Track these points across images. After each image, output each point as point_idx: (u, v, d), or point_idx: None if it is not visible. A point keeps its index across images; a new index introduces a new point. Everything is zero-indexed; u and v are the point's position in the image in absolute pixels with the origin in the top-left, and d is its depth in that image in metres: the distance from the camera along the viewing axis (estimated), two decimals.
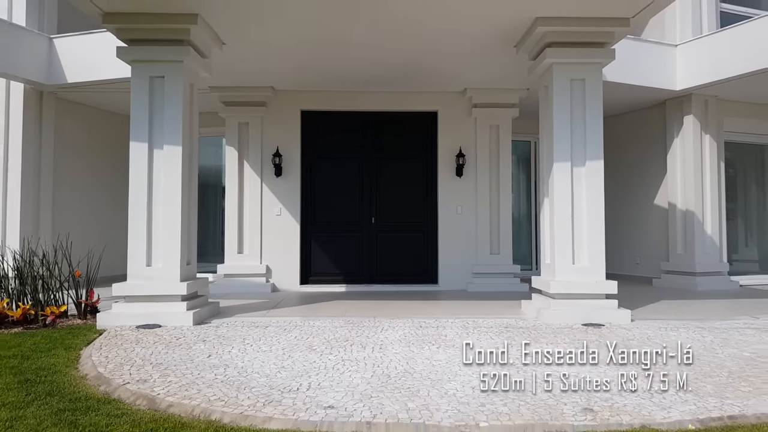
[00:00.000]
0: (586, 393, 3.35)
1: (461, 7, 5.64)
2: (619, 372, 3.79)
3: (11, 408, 3.17)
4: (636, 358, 4.16)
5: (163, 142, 5.75)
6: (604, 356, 4.10)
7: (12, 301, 5.86)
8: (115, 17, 5.62)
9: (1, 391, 3.46)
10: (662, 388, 3.44)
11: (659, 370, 3.87)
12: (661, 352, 4.33)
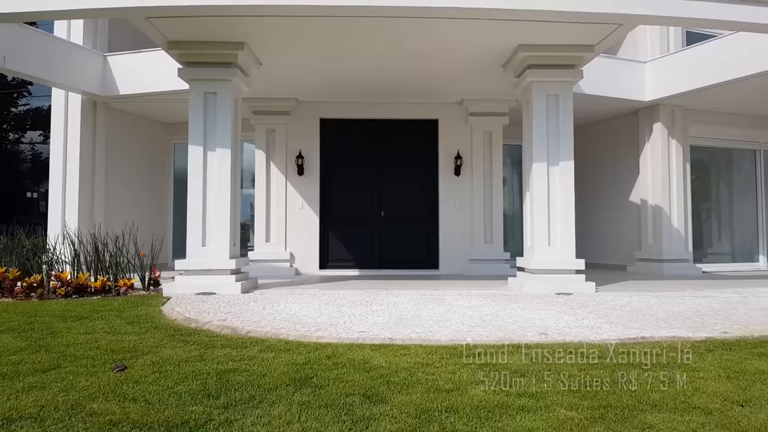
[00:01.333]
0: (545, 327, 4.55)
1: (459, 37, 6.87)
2: (573, 318, 5.02)
3: (133, 334, 4.38)
4: (589, 310, 5.40)
5: (215, 145, 6.97)
6: (566, 309, 5.32)
7: (91, 274, 7.08)
8: (178, 44, 6.86)
9: (121, 326, 4.69)
10: (600, 324, 4.65)
11: (602, 315, 5.10)
12: (609, 306, 5.57)
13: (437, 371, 3.33)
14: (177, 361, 3.58)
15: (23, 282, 6.66)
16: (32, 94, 19.44)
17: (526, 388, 3.02)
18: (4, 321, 5.00)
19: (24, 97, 19.25)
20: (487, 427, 2.49)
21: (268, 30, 6.65)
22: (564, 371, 3.31)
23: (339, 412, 2.68)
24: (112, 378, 3.25)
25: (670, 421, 2.57)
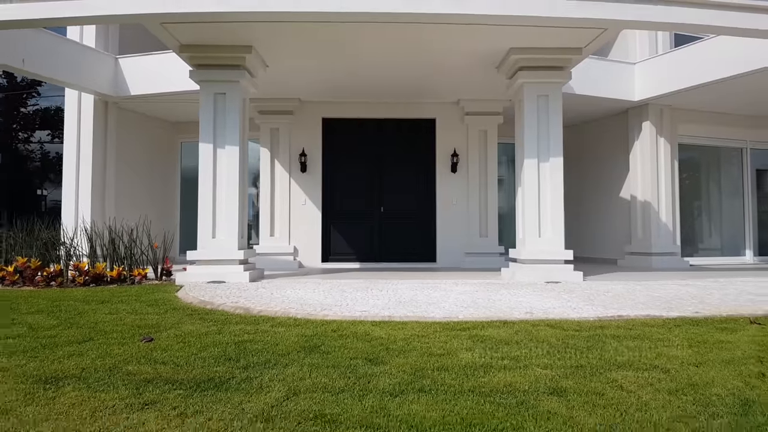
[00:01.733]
0: (531, 307, 4.94)
1: (455, 41, 7.25)
2: (558, 301, 5.40)
3: (154, 315, 4.77)
4: (575, 295, 5.78)
5: (225, 143, 7.36)
6: (553, 295, 5.70)
7: (107, 265, 7.47)
8: (189, 48, 7.24)
9: (141, 308, 5.07)
10: (583, 306, 5.04)
11: (586, 299, 5.48)
12: (593, 291, 5.95)
13: (431, 341, 3.72)
14: (198, 334, 3.97)
15: (44, 271, 7.05)
16: (41, 94, 19.91)
17: (508, 353, 3.41)
18: (32, 305, 5.38)
19: (33, 97, 19.67)
20: (472, 381, 2.87)
21: (274, 35, 7.03)
22: (544, 341, 3.70)
23: (344, 371, 3.06)
24: (142, 347, 3.63)
25: (632, 377, 2.96)
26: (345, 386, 2.81)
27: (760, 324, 4.27)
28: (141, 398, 2.69)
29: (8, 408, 2.58)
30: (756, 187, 12.71)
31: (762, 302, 5.36)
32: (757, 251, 12.43)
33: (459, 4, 5.99)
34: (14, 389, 2.83)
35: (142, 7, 5.98)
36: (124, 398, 2.69)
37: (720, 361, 3.24)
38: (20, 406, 2.61)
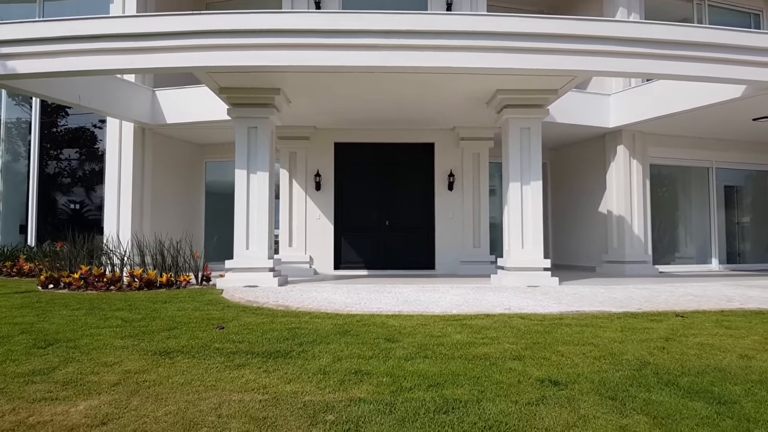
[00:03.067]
0: (510, 305, 6.16)
1: (451, 84, 8.52)
2: (533, 301, 6.63)
3: (214, 311, 5.98)
4: (548, 297, 7.00)
5: (256, 169, 8.60)
6: (530, 296, 6.92)
7: (157, 271, 8.68)
8: (227, 90, 8.50)
9: (201, 306, 6.29)
10: (551, 304, 6.26)
11: (556, 299, 6.71)
12: (564, 293, 7.17)
13: (431, 328, 4.94)
14: (256, 324, 5.19)
15: (104, 278, 8.26)
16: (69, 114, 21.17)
17: (487, 335, 4.63)
18: (111, 305, 6.59)
19: (63, 117, 20.93)
20: (460, 352, 4.09)
21: (298, 79, 8.29)
22: (514, 327, 4.92)
23: (371, 346, 4.28)
24: (218, 333, 4.85)
25: (571, 349, 4.17)
26: (372, 355, 4.04)
27: (682, 317, 5.49)
28: (233, 363, 3.91)
29: (146, 369, 3.79)
30: (724, 201, 13.99)
31: (697, 302, 6.59)
32: (725, 259, 13.68)
33: (442, 60, 7.26)
34: (142, 359, 4.04)
35: (197, 61, 7.25)
36: (222, 363, 3.91)
37: (637, 340, 4.46)
38: (153, 368, 3.82)
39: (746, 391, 3.27)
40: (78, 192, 17.94)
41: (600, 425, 2.76)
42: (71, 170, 22.03)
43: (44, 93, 8.99)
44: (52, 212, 14.47)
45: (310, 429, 2.74)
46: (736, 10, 14.30)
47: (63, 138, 20.69)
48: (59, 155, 20.44)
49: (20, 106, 14.65)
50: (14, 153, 14.07)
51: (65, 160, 20.93)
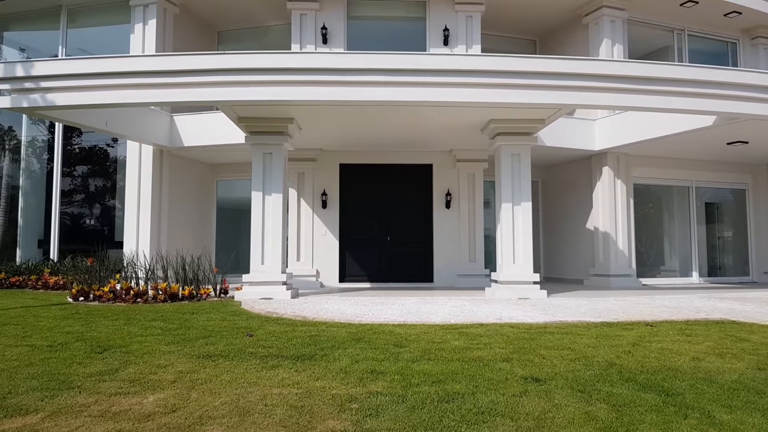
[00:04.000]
0: (501, 316, 6.87)
1: (447, 114, 9.29)
2: (522, 312, 7.35)
3: (240, 321, 6.67)
4: (536, 308, 7.72)
5: (271, 191, 9.32)
6: (519, 307, 7.64)
7: (179, 285, 9.36)
8: (246, 119, 9.25)
9: (227, 317, 6.98)
10: (538, 315, 6.97)
11: (543, 311, 7.43)
12: (551, 305, 7.89)
13: (433, 335, 5.65)
14: (280, 332, 5.89)
15: (132, 291, 8.95)
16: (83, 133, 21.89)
17: (481, 341, 5.34)
18: (144, 315, 7.27)
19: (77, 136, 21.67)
20: (457, 355, 4.80)
21: (309, 110, 9.04)
22: (504, 335, 5.64)
23: (382, 350, 4.99)
24: (248, 340, 5.55)
25: (552, 353, 4.89)
26: (384, 357, 4.74)
27: (651, 326, 6.22)
28: (267, 364, 4.61)
29: (195, 370, 4.48)
30: (705, 218, 14.78)
31: (668, 313, 7.32)
32: (706, 272, 14.43)
33: (443, 95, 8.04)
34: (189, 362, 4.74)
35: (221, 95, 8.01)
36: (258, 364, 4.60)
37: (608, 346, 5.18)
38: (200, 369, 4.52)
39: (690, 386, 3.99)
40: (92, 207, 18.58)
41: (569, 411, 3.47)
42: (85, 187, 22.77)
43: (76, 120, 9.74)
44: (69, 227, 15.07)
45: (339, 414, 3.44)
46: (714, 39, 15.15)
47: (77, 156, 21.41)
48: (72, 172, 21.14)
49: (36, 125, 15.28)
50: (32, 171, 14.72)
51: (79, 176, 21.64)
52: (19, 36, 14.77)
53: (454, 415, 3.39)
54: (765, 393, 3.84)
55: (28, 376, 4.34)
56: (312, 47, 12.35)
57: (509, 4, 13.06)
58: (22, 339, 5.73)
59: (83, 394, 3.89)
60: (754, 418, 3.37)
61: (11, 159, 14.87)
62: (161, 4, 12.35)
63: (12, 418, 3.46)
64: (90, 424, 3.33)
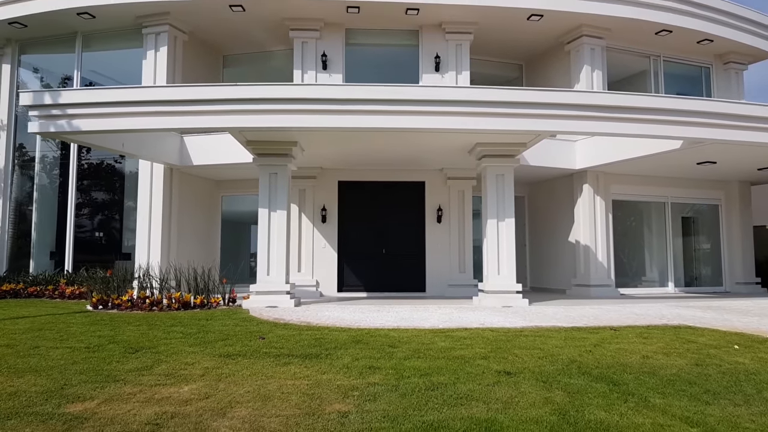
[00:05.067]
0: (484, 321, 7.62)
1: (440, 137, 10.08)
2: (504, 318, 8.11)
3: (251, 326, 7.38)
4: (517, 315, 8.48)
5: (276, 208, 10.07)
6: (502, 314, 8.40)
7: (192, 294, 10.07)
8: (253, 143, 10.02)
9: (239, 322, 7.69)
10: (518, 321, 7.73)
11: (522, 317, 8.19)
12: (530, 312, 8.64)
13: (422, 338, 6.40)
14: (288, 335, 6.62)
15: (148, 300, 9.65)
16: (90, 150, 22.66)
17: (464, 342, 6.09)
18: (164, 322, 7.98)
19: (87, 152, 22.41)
20: (444, 354, 5.55)
21: (311, 134, 9.82)
22: (485, 337, 6.39)
23: (378, 350, 5.73)
24: (261, 342, 6.27)
25: (524, 352, 5.64)
26: (380, 356, 5.48)
27: (615, 330, 6.99)
28: (280, 362, 5.34)
29: (219, 366, 5.21)
30: (682, 231, 15.62)
31: (634, 319, 8.09)
32: (683, 283, 15.24)
33: (435, 122, 8.85)
34: (212, 360, 5.46)
35: (232, 123, 8.78)
36: (272, 362, 5.33)
37: (573, 346, 5.95)
38: (223, 365, 5.25)
39: (635, 378, 4.75)
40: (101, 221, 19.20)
41: (531, 397, 4.22)
42: (95, 200, 23.44)
43: (96, 143, 10.49)
44: (80, 239, 15.63)
45: (344, 399, 4.18)
46: (688, 64, 16.08)
47: (87, 171, 22.07)
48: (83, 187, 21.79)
49: (47, 142, 15.89)
50: (44, 186, 15.34)
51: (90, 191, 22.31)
52: (36, 59, 15.50)
53: (437, 400, 4.14)
54: (695, 383, 4.61)
55: (77, 371, 5.05)
56: (313, 73, 13.17)
57: (496, 33, 13.94)
58: (61, 342, 6.43)
59: (128, 385, 4.61)
60: (681, 402, 4.13)
61: (21, 173, 15.46)
62: (172, 32, 13.15)
63: (73, 403, 4.17)
64: (139, 408, 4.05)
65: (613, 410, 3.93)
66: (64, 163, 15.32)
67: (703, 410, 3.96)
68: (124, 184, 14.80)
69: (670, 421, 3.73)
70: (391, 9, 12.68)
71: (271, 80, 15.55)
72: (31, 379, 4.82)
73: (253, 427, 3.61)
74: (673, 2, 13.80)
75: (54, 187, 15.15)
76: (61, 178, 15.39)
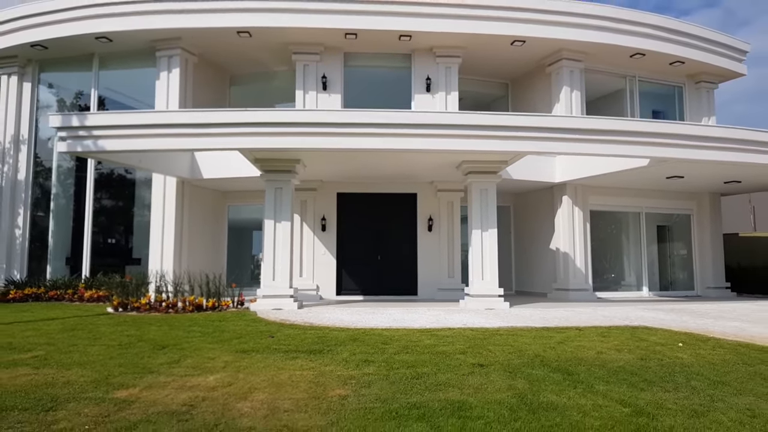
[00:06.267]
0: (467, 322, 8.44)
1: (430, 155, 10.91)
2: (485, 319, 8.94)
3: (261, 326, 8.18)
4: (498, 317, 9.30)
5: (281, 219, 10.87)
6: (484, 316, 9.22)
7: (204, 298, 10.84)
8: (260, 160, 10.83)
9: (249, 323, 8.47)
10: (497, 322, 8.55)
11: (502, 319, 9.01)
12: (510, 314, 9.46)
13: (411, 336, 7.21)
14: (294, 334, 7.42)
15: (165, 303, 10.43)
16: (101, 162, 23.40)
17: (447, 340, 6.91)
18: (182, 322, 8.75)
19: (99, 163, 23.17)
20: (428, 350, 6.36)
21: (313, 152, 10.63)
22: (466, 336, 7.20)
23: (372, 346, 6.53)
24: (270, 341, 7.06)
25: (497, 348, 6.45)
26: (374, 351, 6.29)
27: (579, 330, 7.81)
28: (289, 356, 6.14)
29: (237, 360, 6.00)
30: (657, 239, 16.49)
31: (601, 320, 8.91)
32: (657, 287, 16.10)
33: (426, 144, 9.68)
34: (230, 355, 6.26)
35: (242, 144, 9.60)
36: (282, 356, 6.13)
37: (540, 344, 6.76)
38: (240, 360, 6.04)
39: (587, 369, 5.57)
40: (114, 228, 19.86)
41: (498, 384, 5.03)
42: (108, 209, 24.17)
43: (117, 160, 11.28)
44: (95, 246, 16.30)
45: (343, 386, 4.98)
46: (662, 83, 16.96)
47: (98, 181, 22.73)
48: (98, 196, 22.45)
49: (61, 154, 16.54)
50: (60, 195, 16.04)
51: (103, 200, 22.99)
52: (54, 77, 16.24)
53: (420, 387, 4.95)
54: (636, 374, 5.43)
55: (116, 365, 5.84)
56: (314, 93, 13.99)
57: (483, 56, 14.79)
58: (95, 340, 7.21)
59: (162, 376, 5.40)
60: (620, 388, 4.95)
61: (38, 183, 16.08)
62: (183, 55, 13.96)
63: (119, 390, 4.96)
64: (175, 393, 4.84)
65: (563, 395, 4.74)
66: (79, 175, 15.99)
67: (637, 395, 4.78)
68: (134, 192, 15.52)
69: (607, 402, 4.55)
70: (386, 35, 13.52)
71: (275, 98, 16.54)
72: (78, 371, 5.60)
73: (271, 408, 4.40)
74: (646, 28, 14.68)
75: (68, 195, 15.83)
76: (75, 187, 16.05)
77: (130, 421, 4.12)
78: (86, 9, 13.47)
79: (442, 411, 4.27)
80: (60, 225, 15.64)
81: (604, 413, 4.27)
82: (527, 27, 13.58)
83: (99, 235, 18.02)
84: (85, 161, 15.47)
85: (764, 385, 5.09)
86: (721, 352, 6.39)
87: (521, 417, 4.16)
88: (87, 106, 15.36)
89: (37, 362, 5.96)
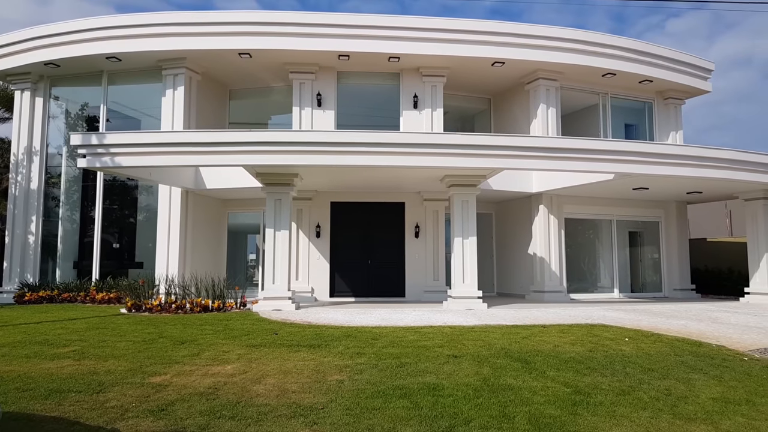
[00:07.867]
0: (447, 321, 9.47)
1: (414, 171, 11.95)
2: (464, 318, 9.99)
3: (265, 325, 9.16)
4: (475, 316, 10.36)
5: (280, 228, 11.86)
6: (463, 315, 10.28)
7: (210, 299, 11.79)
8: (262, 174, 11.81)
9: (255, 323, 9.46)
10: (474, 321, 9.59)
11: (479, 318, 10.07)
12: (487, 314, 10.51)
13: (398, 333, 8.23)
14: (295, 331, 8.41)
15: (174, 304, 11.37)
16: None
17: (427, 336, 7.94)
18: (193, 322, 9.70)
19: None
20: (412, 344, 7.38)
21: (310, 167, 11.63)
22: (445, 333, 8.24)
23: (363, 341, 7.54)
24: (275, 337, 8.05)
25: (470, 342, 7.49)
26: (365, 345, 7.31)
27: (544, 327, 8.88)
28: (292, 349, 7.13)
29: (248, 353, 6.99)
30: (629, 243, 17.64)
31: (566, 319, 9.98)
32: (628, 289, 17.25)
33: (411, 161, 10.72)
34: (242, 348, 7.23)
35: (245, 161, 10.58)
36: (286, 350, 7.13)
37: (507, 339, 7.81)
38: (251, 352, 7.02)
39: (543, 359, 6.62)
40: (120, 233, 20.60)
41: (468, 371, 6.06)
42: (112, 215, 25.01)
43: (131, 174, 12.18)
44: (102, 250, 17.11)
45: (340, 373, 5.99)
46: (633, 99, 18.11)
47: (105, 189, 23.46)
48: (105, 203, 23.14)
49: (67, 160, 17.33)
50: (68, 202, 16.85)
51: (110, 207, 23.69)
52: (64, 91, 17.09)
53: (404, 373, 5.97)
54: (582, 363, 6.49)
55: (145, 357, 6.80)
56: (309, 109, 14.99)
57: (466, 75, 15.87)
58: (120, 337, 8.16)
59: (187, 365, 6.38)
60: (567, 374, 6.00)
61: (47, 191, 16.84)
62: (187, 74, 14.90)
63: (153, 377, 5.93)
64: (200, 379, 5.82)
65: (519, 378, 5.79)
66: (85, 184, 16.79)
67: (579, 379, 5.83)
68: (137, 200, 16.38)
69: (554, 384, 5.60)
70: (376, 57, 14.56)
71: (272, 111, 17.54)
72: (114, 362, 6.56)
73: (281, 389, 5.40)
74: (616, 50, 15.82)
75: (75, 203, 16.65)
76: (81, 195, 16.85)
77: (168, 400, 5.09)
78: (97, 31, 14.38)
79: (421, 391, 5.30)
80: (68, 230, 16.46)
81: (549, 393, 5.31)
82: (506, 50, 14.68)
83: (106, 240, 18.84)
84: (91, 171, 16.30)
85: (685, 372, 6.17)
86: (659, 346, 7.47)
87: (483, 395, 5.19)
88: (96, 118, 16.24)
89: (77, 355, 6.90)
